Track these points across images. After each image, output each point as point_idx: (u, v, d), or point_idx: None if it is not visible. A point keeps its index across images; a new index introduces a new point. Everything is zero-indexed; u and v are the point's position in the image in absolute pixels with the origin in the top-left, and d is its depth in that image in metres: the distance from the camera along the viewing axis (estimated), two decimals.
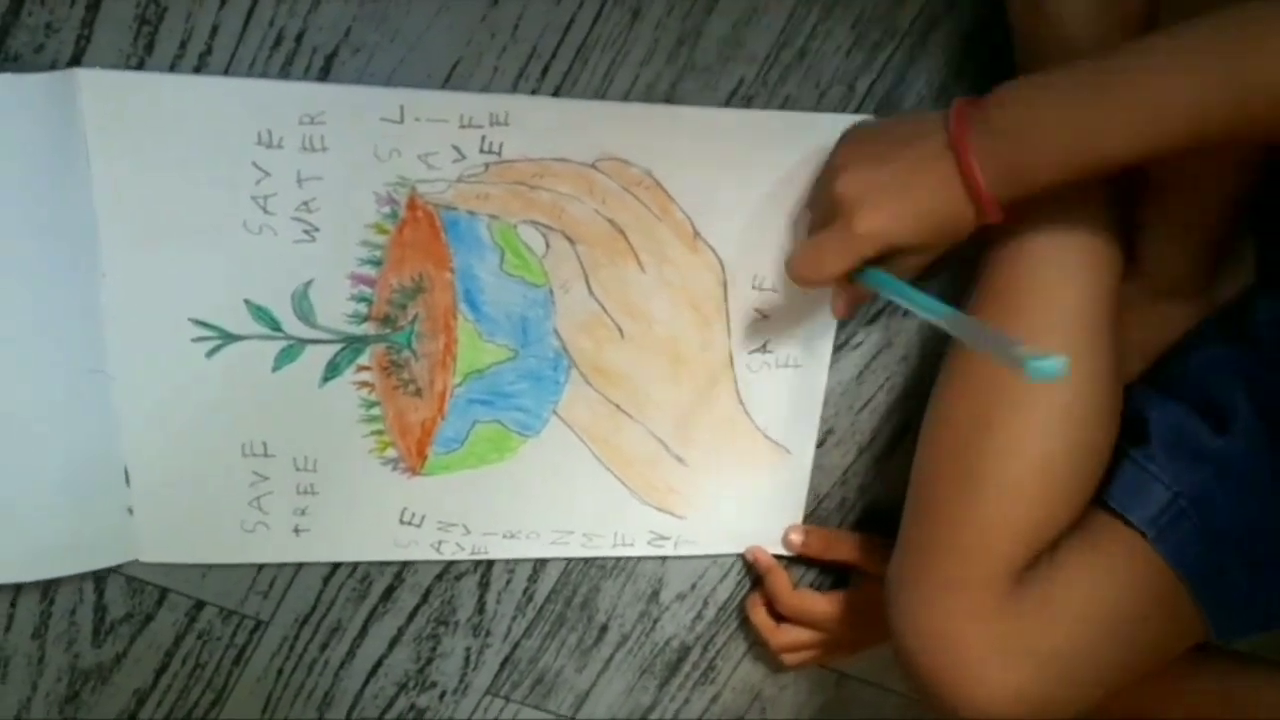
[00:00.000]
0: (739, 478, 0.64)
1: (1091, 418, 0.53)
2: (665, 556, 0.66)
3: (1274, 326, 0.54)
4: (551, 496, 0.62)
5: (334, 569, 0.62)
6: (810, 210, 0.57)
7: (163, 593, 0.60)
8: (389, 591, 0.63)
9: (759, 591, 0.68)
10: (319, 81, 0.51)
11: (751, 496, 0.64)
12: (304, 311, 0.55)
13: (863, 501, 0.67)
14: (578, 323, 0.58)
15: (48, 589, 0.58)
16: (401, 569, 0.63)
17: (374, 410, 0.58)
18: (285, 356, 0.55)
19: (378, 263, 0.55)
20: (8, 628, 0.59)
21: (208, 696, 0.64)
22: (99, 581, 0.59)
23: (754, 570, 0.67)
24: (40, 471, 0.54)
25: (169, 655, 0.62)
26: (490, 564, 0.64)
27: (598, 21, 0.53)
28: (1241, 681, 0.61)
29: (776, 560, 0.66)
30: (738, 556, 0.67)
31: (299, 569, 0.61)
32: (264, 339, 0.55)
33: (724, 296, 0.59)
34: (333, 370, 0.56)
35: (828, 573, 0.69)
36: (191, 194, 0.51)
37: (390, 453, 0.59)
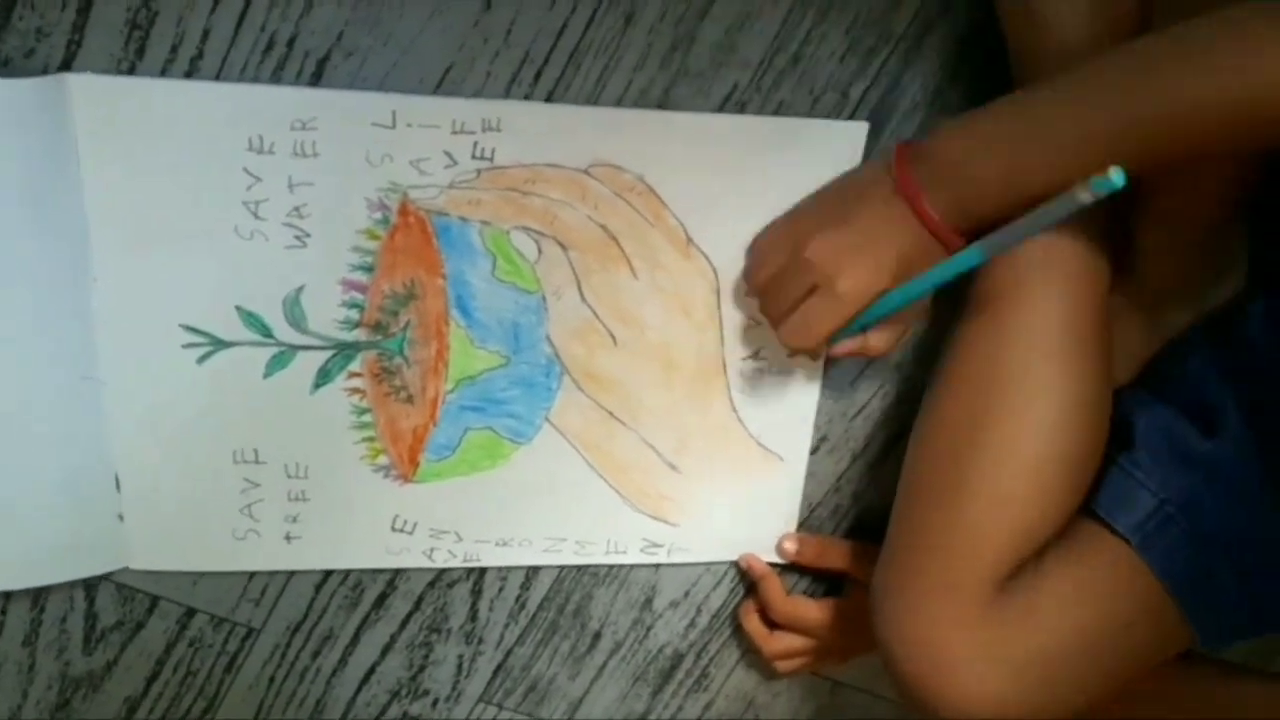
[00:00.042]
0: (732, 485, 0.63)
1: (1081, 425, 0.53)
2: (658, 564, 0.65)
3: (1266, 329, 0.54)
4: (544, 504, 0.62)
5: (326, 576, 0.61)
6: (757, 278, 0.56)
7: (154, 600, 0.60)
8: (381, 599, 0.63)
9: (752, 599, 0.67)
10: (311, 87, 0.51)
11: (744, 504, 0.64)
12: (295, 318, 0.55)
13: (856, 509, 0.67)
14: (570, 329, 0.58)
15: (38, 596, 0.58)
16: (394, 576, 0.62)
17: (365, 417, 0.57)
18: (276, 363, 0.55)
19: (369, 269, 0.54)
20: None
21: (199, 705, 0.64)
22: (90, 589, 0.59)
23: (747, 577, 0.67)
24: (31, 478, 0.54)
25: (160, 663, 0.62)
26: (483, 571, 0.63)
27: (590, 27, 0.53)
28: (1226, 688, 0.60)
29: (770, 567, 0.66)
30: (731, 564, 0.67)
31: (291, 576, 0.61)
32: (255, 345, 0.55)
33: (717, 303, 0.59)
34: (324, 377, 0.56)
35: (821, 580, 0.69)
36: (183, 199, 0.51)
37: (382, 460, 0.58)
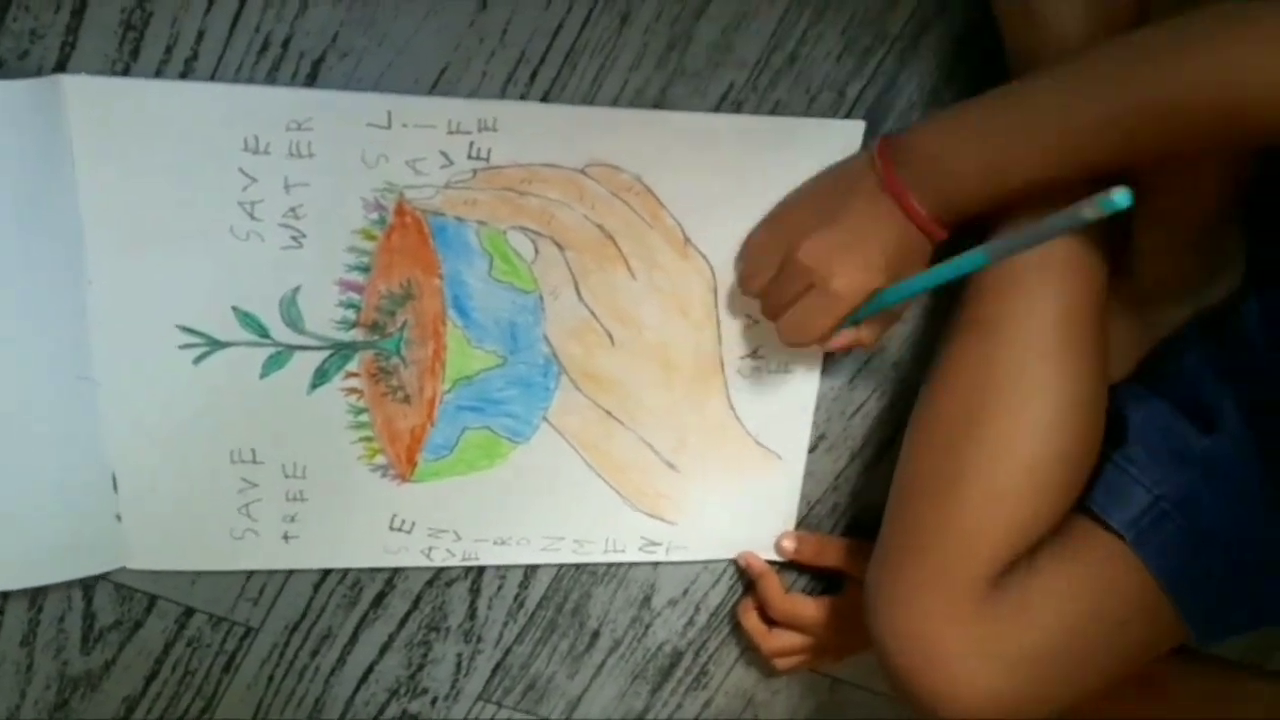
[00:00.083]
0: (730, 484, 0.63)
1: (1077, 423, 0.52)
2: (657, 562, 0.65)
3: (1264, 326, 0.54)
4: (542, 503, 0.62)
5: (324, 575, 0.61)
6: (752, 284, 0.56)
7: (152, 600, 0.60)
8: (380, 598, 0.63)
9: (750, 596, 0.67)
10: (306, 87, 0.51)
11: (743, 502, 0.64)
12: (292, 318, 0.54)
13: (854, 507, 0.67)
14: (567, 329, 0.58)
15: (36, 596, 0.58)
16: (392, 575, 0.62)
17: (363, 417, 0.57)
18: (273, 363, 0.55)
19: (366, 269, 0.54)
20: None
21: (198, 704, 0.64)
22: (88, 589, 0.59)
23: (745, 576, 0.67)
24: (28, 479, 0.54)
25: (159, 662, 0.62)
26: (481, 570, 0.63)
27: (586, 26, 0.52)
28: (1222, 685, 0.60)
29: (768, 565, 0.66)
30: (729, 562, 0.67)
31: (289, 576, 0.61)
32: (252, 346, 0.55)
33: (714, 302, 0.59)
34: (321, 377, 0.56)
35: (819, 578, 0.69)
36: (178, 200, 0.51)
37: (379, 459, 0.58)
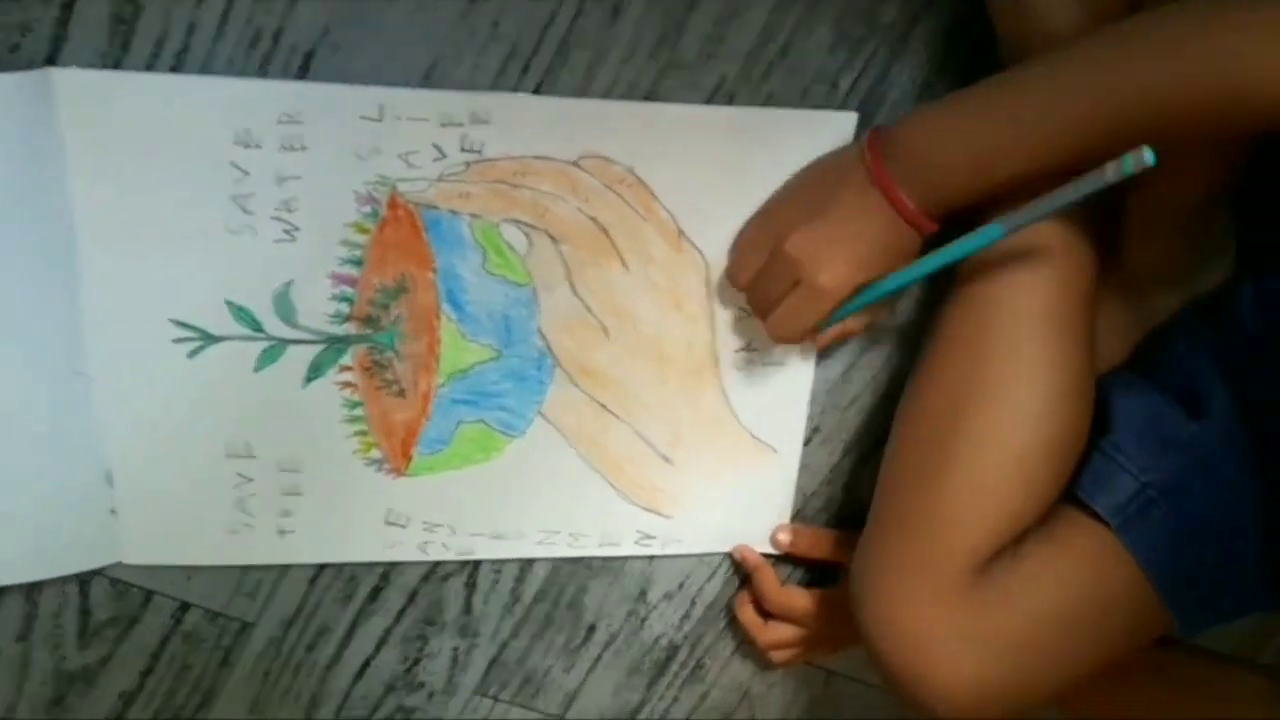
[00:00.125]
0: (726, 477, 0.63)
1: (1065, 411, 0.52)
2: (652, 556, 0.65)
3: (1256, 313, 0.53)
4: (537, 497, 0.62)
5: (320, 570, 0.61)
6: (740, 278, 0.57)
7: (148, 595, 0.60)
8: (375, 592, 0.63)
9: (746, 590, 0.68)
10: (298, 80, 0.51)
11: (738, 495, 0.64)
12: (285, 312, 0.54)
13: (849, 499, 0.67)
14: (561, 322, 0.58)
15: (31, 592, 0.58)
16: (388, 570, 0.62)
17: (357, 411, 0.57)
18: (267, 357, 0.55)
19: (359, 262, 0.54)
20: None
21: (194, 699, 0.64)
22: (83, 584, 0.59)
23: (741, 569, 0.67)
24: (23, 475, 0.54)
25: (155, 657, 0.62)
26: (477, 564, 0.63)
27: (578, 18, 0.52)
28: (1213, 677, 0.60)
29: (764, 558, 0.66)
30: (725, 555, 0.67)
31: (285, 570, 0.61)
32: (245, 340, 0.55)
33: (708, 295, 0.59)
34: (315, 371, 0.56)
35: (815, 571, 0.69)
36: (170, 194, 0.51)
37: (374, 453, 0.58)
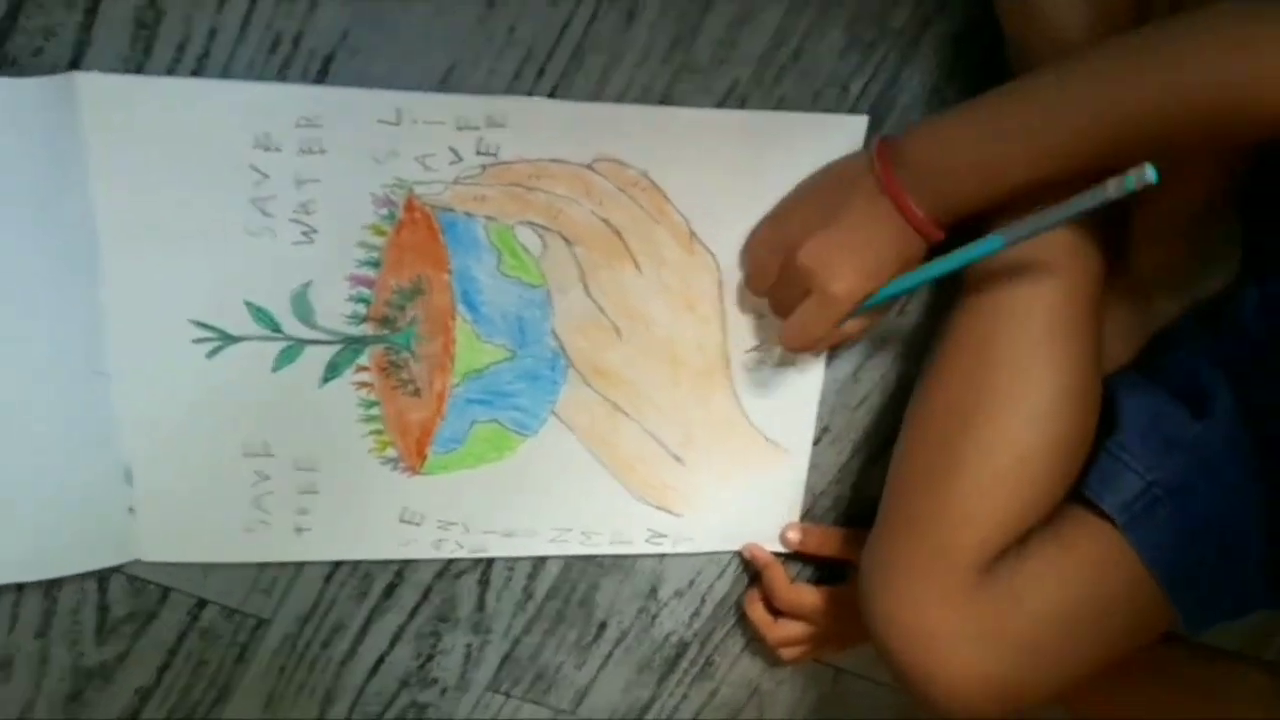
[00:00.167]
0: (736, 476, 0.64)
1: (1072, 413, 0.53)
2: (663, 554, 0.66)
3: (1259, 316, 0.54)
4: (550, 495, 0.62)
5: (335, 567, 0.62)
6: (757, 285, 0.58)
7: (165, 592, 0.61)
8: (390, 589, 0.64)
9: (756, 587, 0.68)
10: (317, 84, 0.51)
11: (748, 495, 0.65)
12: (303, 313, 0.55)
13: (858, 498, 0.68)
14: (575, 323, 0.59)
15: (51, 589, 0.59)
16: (402, 567, 0.63)
17: (373, 410, 0.58)
18: (285, 357, 0.56)
19: (376, 264, 0.55)
20: (11, 628, 0.59)
21: (210, 694, 0.65)
22: (102, 581, 0.59)
23: (751, 567, 0.68)
24: (43, 472, 0.55)
25: (172, 653, 0.63)
26: (490, 562, 0.64)
27: (593, 23, 0.53)
28: (1217, 674, 0.61)
29: (773, 556, 0.67)
30: (735, 554, 0.67)
31: (300, 568, 0.62)
32: (264, 340, 0.55)
33: (720, 297, 0.60)
34: (332, 371, 0.57)
35: (824, 569, 0.69)
36: (190, 196, 0.52)
37: (390, 452, 0.59)
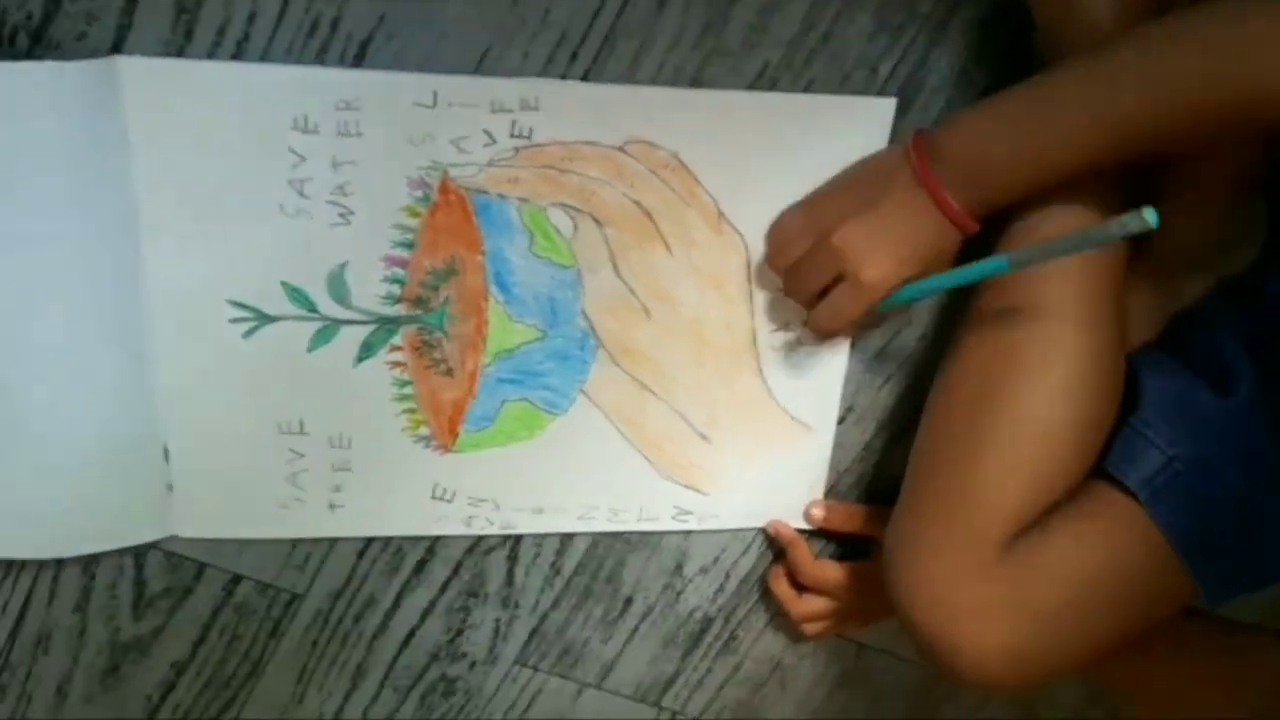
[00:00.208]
0: (761, 454, 0.65)
1: (1096, 390, 0.53)
2: (689, 531, 0.67)
3: None
4: (578, 473, 0.63)
5: (367, 543, 0.63)
6: (779, 262, 0.59)
7: (201, 567, 0.62)
8: (421, 565, 0.65)
9: (780, 563, 0.69)
10: (354, 68, 0.52)
11: (774, 473, 0.66)
12: (339, 293, 0.56)
13: (881, 476, 0.69)
14: (605, 304, 0.59)
15: (89, 564, 0.60)
16: (433, 543, 0.64)
17: (406, 389, 0.59)
18: (320, 337, 0.57)
19: (411, 245, 0.56)
20: (50, 602, 0.60)
21: (244, 668, 0.66)
22: (139, 557, 0.60)
23: (775, 544, 0.69)
24: (83, 450, 0.56)
25: (206, 628, 0.64)
26: (519, 538, 0.65)
27: (626, 7, 0.53)
28: (1239, 648, 0.62)
29: (797, 533, 0.68)
30: (759, 531, 0.68)
31: (333, 543, 0.63)
32: (300, 320, 0.56)
33: (748, 277, 0.60)
34: (366, 350, 0.58)
35: (846, 545, 0.70)
36: (229, 179, 0.52)
37: (422, 431, 0.60)
